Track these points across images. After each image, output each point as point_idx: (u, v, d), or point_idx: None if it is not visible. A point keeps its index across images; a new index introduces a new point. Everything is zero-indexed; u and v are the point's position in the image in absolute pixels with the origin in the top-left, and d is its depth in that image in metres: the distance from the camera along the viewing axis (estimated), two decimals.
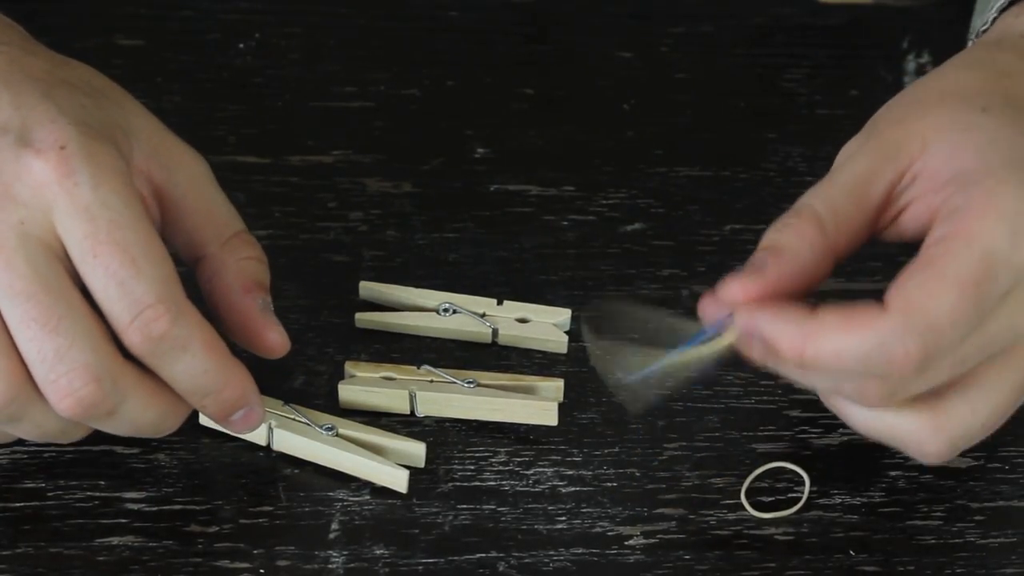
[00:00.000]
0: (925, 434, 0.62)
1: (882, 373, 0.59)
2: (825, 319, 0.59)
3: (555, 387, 0.70)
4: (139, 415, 0.61)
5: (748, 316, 0.60)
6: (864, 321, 0.59)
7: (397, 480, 0.67)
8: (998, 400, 0.61)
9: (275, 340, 0.65)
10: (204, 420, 0.68)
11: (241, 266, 0.65)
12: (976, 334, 0.59)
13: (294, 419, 0.68)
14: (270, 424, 0.68)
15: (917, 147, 0.62)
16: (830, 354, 0.59)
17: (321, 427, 0.68)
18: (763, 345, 0.60)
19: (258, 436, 0.68)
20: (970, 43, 0.71)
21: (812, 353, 0.59)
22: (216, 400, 0.62)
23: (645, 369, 0.62)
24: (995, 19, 0.69)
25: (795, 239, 0.61)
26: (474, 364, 0.72)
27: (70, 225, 0.59)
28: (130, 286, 0.59)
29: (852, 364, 0.59)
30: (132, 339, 0.59)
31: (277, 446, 0.69)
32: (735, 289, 0.61)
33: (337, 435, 0.68)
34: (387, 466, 0.67)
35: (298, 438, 0.68)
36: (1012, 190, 0.59)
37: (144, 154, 0.63)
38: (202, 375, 0.61)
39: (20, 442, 0.68)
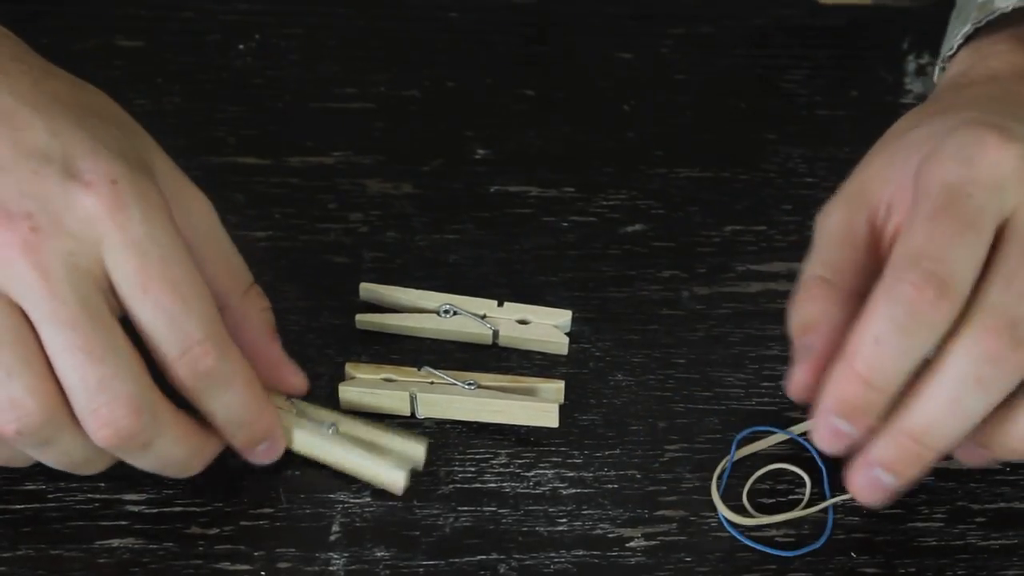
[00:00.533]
0: (908, 442, 0.60)
1: (915, 323, 0.57)
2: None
3: (556, 389, 0.70)
4: (171, 451, 0.62)
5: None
6: (870, 304, 0.59)
7: (394, 481, 0.67)
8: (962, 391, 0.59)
9: (300, 381, 0.68)
10: None
11: (262, 317, 0.67)
12: (1010, 248, 0.58)
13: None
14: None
15: (878, 182, 0.64)
16: (872, 347, 0.58)
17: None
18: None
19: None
20: (938, 69, 0.73)
21: (866, 367, 0.58)
22: (248, 432, 0.64)
23: None
24: (959, 47, 0.71)
25: (819, 307, 0.62)
26: (474, 365, 0.72)
27: (121, 260, 0.59)
28: (180, 322, 0.60)
29: (890, 339, 0.58)
30: (180, 372, 0.61)
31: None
32: (802, 380, 0.62)
33: (337, 432, 0.68)
34: (383, 467, 0.67)
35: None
36: (955, 138, 0.60)
37: (167, 193, 0.63)
38: (240, 409, 0.63)
39: None
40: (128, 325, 0.60)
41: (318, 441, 0.67)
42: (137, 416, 0.60)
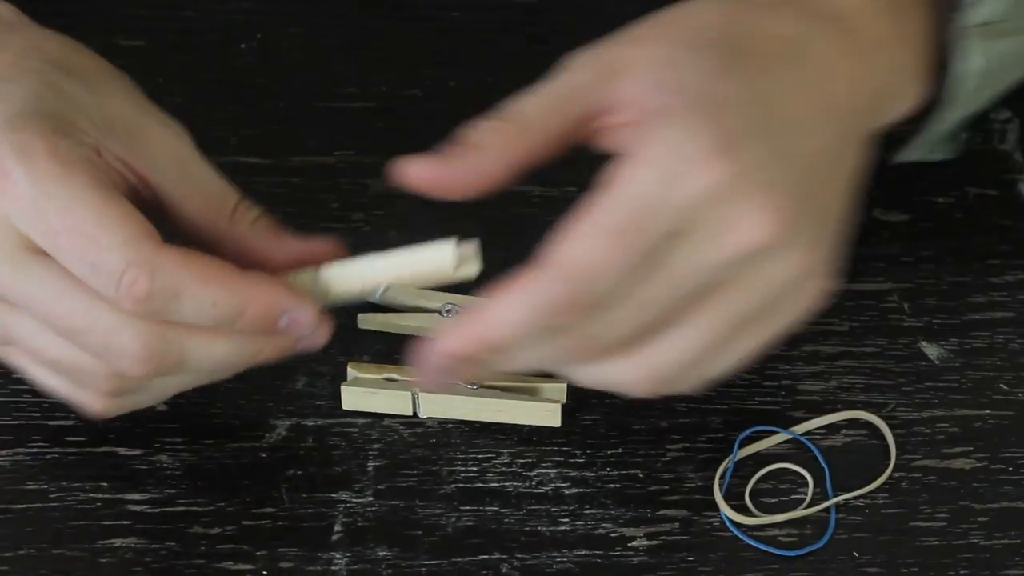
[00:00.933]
0: (629, 375, 0.60)
1: (551, 329, 0.58)
2: (485, 301, 0.59)
3: (558, 389, 0.70)
4: (211, 349, 0.61)
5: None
6: (519, 286, 0.58)
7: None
8: (698, 337, 0.60)
9: (327, 246, 0.64)
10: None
11: (259, 227, 0.64)
12: (655, 276, 0.58)
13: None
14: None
15: (624, 77, 0.61)
16: (496, 329, 0.58)
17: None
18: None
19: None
20: None
21: (482, 338, 0.58)
22: (247, 323, 0.60)
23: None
24: None
25: (497, 139, 0.62)
26: None
27: (26, 225, 0.59)
28: (98, 263, 0.58)
29: (520, 328, 0.58)
30: (126, 307, 0.59)
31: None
32: (418, 168, 0.61)
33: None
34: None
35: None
36: (677, 133, 0.58)
37: (118, 140, 0.62)
38: (212, 308, 0.59)
39: (22, 444, 0.68)
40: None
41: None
42: (149, 349, 0.59)
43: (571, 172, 0.81)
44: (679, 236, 0.58)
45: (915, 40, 0.67)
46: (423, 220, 0.78)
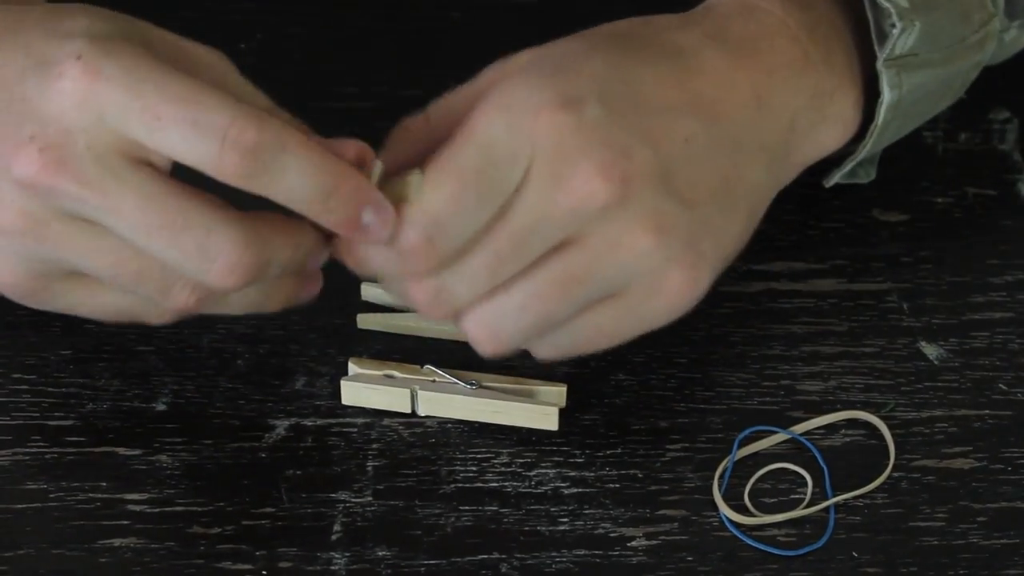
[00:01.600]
0: (472, 327, 0.63)
1: (403, 266, 0.61)
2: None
3: (557, 392, 0.70)
4: (296, 256, 0.61)
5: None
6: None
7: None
8: (537, 293, 0.62)
9: (350, 149, 0.63)
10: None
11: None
12: (501, 226, 0.61)
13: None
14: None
15: (515, 61, 0.65)
16: (358, 260, 0.62)
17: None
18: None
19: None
20: None
21: (349, 258, 0.62)
22: (339, 200, 0.59)
23: None
24: None
25: (410, 131, 0.65)
26: (476, 365, 0.72)
27: (123, 115, 0.58)
28: (204, 120, 0.58)
29: (376, 261, 0.62)
30: (229, 165, 0.58)
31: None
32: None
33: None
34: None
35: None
36: (521, 87, 0.61)
37: (168, 58, 0.61)
38: (313, 174, 0.59)
39: (21, 444, 0.68)
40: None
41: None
42: (249, 248, 0.59)
43: None
44: (522, 185, 0.60)
45: (843, 69, 0.69)
46: None
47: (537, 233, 0.61)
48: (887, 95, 0.69)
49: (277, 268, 0.61)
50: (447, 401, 0.70)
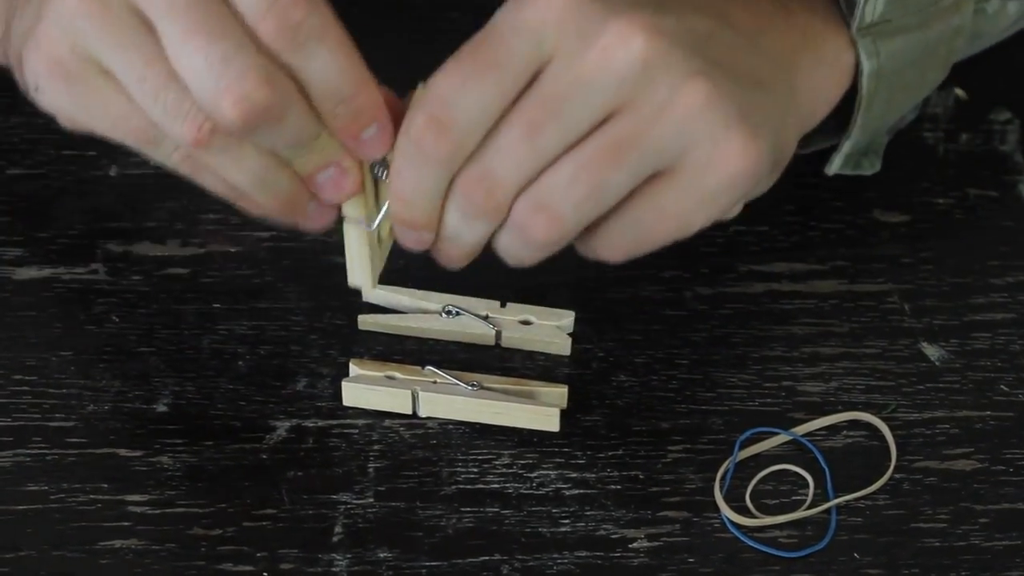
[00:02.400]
0: (527, 215, 0.62)
1: (418, 155, 0.61)
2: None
3: (559, 393, 0.70)
4: (304, 126, 0.60)
5: None
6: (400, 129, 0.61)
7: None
8: (588, 162, 0.60)
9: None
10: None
11: None
12: (531, 99, 0.60)
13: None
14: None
15: None
16: (395, 174, 0.61)
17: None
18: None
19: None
20: None
21: (395, 190, 0.62)
22: (349, 108, 0.60)
23: None
24: None
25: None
26: (477, 366, 0.72)
27: None
28: None
29: (404, 170, 0.61)
30: (269, 28, 0.58)
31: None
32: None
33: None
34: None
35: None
36: None
37: None
38: (337, 74, 0.59)
39: (22, 445, 0.68)
40: None
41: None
42: (270, 86, 0.58)
43: None
44: (547, 59, 0.59)
45: (827, 16, 0.69)
46: None
47: (575, 100, 0.60)
48: (865, 64, 0.68)
49: (289, 135, 0.60)
50: (448, 403, 0.70)
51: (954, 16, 0.71)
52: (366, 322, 0.73)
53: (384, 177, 0.63)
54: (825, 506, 0.68)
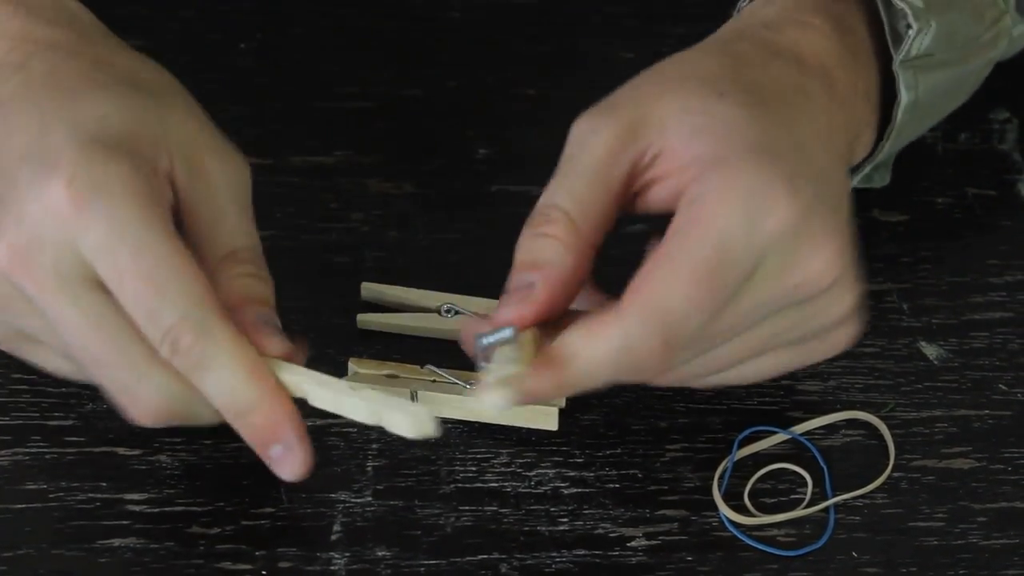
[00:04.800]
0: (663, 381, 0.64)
1: (634, 371, 0.61)
2: (566, 341, 0.61)
3: None
4: (214, 417, 0.62)
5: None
6: (605, 331, 0.60)
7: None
8: (737, 351, 0.63)
9: (273, 347, 0.63)
10: None
11: (232, 284, 0.63)
12: (726, 313, 0.61)
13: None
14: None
15: (655, 128, 0.63)
16: (582, 374, 0.61)
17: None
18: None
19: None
20: (735, 14, 0.72)
21: (568, 381, 0.61)
22: (246, 425, 0.62)
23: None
24: (742, 7, 0.71)
25: (553, 249, 0.63)
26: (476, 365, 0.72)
27: (94, 258, 0.60)
28: (155, 309, 0.60)
29: (605, 371, 0.61)
30: (165, 352, 0.60)
31: None
32: (511, 317, 0.62)
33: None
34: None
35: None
36: (747, 176, 0.61)
37: (176, 158, 0.63)
38: (230, 393, 0.61)
39: (21, 444, 0.68)
40: None
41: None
42: (167, 403, 0.61)
43: None
44: (754, 273, 0.61)
45: (868, 92, 0.70)
46: (421, 220, 0.78)
47: (758, 314, 0.62)
48: (904, 96, 0.69)
49: (205, 420, 0.62)
50: (447, 401, 0.70)
51: (991, 50, 0.72)
52: (365, 321, 0.73)
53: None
54: (823, 505, 0.68)
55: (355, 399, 0.63)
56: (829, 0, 0.69)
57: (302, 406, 0.70)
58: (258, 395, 0.61)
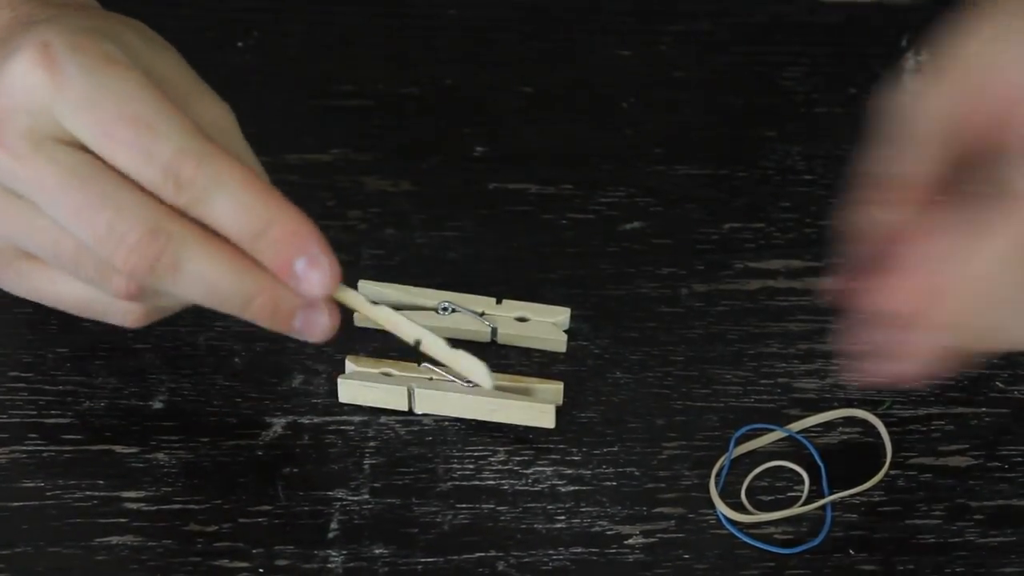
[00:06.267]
0: None
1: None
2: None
3: (554, 390, 0.70)
4: (209, 270, 0.58)
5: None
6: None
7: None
8: None
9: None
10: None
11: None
12: None
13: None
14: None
15: (1002, 80, 0.60)
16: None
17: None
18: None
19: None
20: None
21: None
22: (268, 242, 0.58)
23: None
24: None
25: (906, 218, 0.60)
26: None
27: (74, 119, 0.58)
28: (151, 149, 0.57)
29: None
30: (169, 194, 0.58)
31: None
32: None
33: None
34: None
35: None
36: None
37: (177, 94, 0.61)
38: (245, 211, 0.58)
39: (18, 442, 0.68)
40: None
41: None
42: (153, 236, 0.57)
43: (568, 169, 0.81)
44: None
45: None
46: (419, 218, 0.78)
47: None
48: None
49: (194, 279, 0.59)
50: (444, 399, 0.70)
51: None
52: (362, 319, 0.73)
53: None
54: (820, 502, 0.68)
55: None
56: None
57: (301, 405, 0.71)
58: (274, 206, 0.58)
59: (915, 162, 0.61)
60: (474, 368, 0.60)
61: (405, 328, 0.61)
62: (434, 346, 0.60)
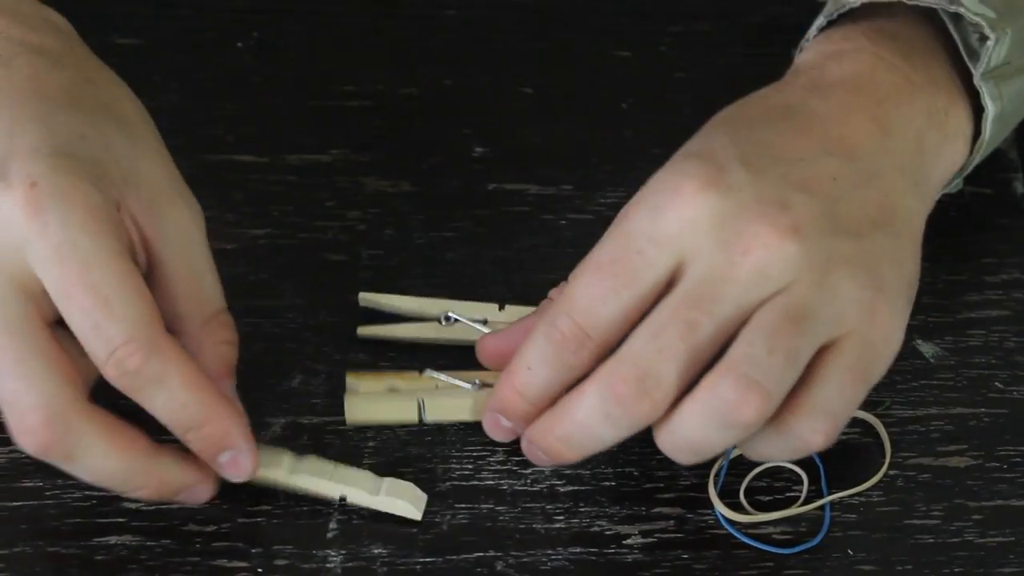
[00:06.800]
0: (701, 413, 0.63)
1: (558, 362, 0.63)
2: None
3: None
4: (99, 463, 0.61)
5: None
6: (532, 333, 0.64)
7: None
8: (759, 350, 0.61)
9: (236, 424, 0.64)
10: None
11: (218, 351, 0.64)
12: (678, 294, 0.61)
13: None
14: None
15: None
16: (526, 372, 0.64)
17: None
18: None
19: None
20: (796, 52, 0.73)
21: (521, 385, 0.64)
22: (198, 436, 0.62)
23: None
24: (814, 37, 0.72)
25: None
26: (474, 364, 0.71)
27: (42, 266, 0.59)
28: (103, 325, 0.59)
29: (539, 369, 0.64)
30: (109, 374, 0.60)
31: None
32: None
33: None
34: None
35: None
36: (662, 174, 0.64)
37: (140, 202, 0.62)
38: (181, 409, 0.61)
39: None
40: None
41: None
42: (49, 427, 0.60)
43: (568, 170, 0.81)
44: (686, 261, 0.61)
45: (948, 86, 0.69)
46: (418, 219, 0.78)
47: (726, 298, 0.61)
48: (991, 108, 0.69)
49: (83, 470, 0.62)
50: (453, 406, 0.70)
51: None
52: (366, 333, 0.73)
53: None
54: (819, 503, 0.68)
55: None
56: (894, 27, 0.70)
57: (300, 405, 0.71)
58: (209, 406, 0.62)
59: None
60: (404, 508, 0.66)
61: (325, 488, 0.66)
62: (357, 496, 0.66)
